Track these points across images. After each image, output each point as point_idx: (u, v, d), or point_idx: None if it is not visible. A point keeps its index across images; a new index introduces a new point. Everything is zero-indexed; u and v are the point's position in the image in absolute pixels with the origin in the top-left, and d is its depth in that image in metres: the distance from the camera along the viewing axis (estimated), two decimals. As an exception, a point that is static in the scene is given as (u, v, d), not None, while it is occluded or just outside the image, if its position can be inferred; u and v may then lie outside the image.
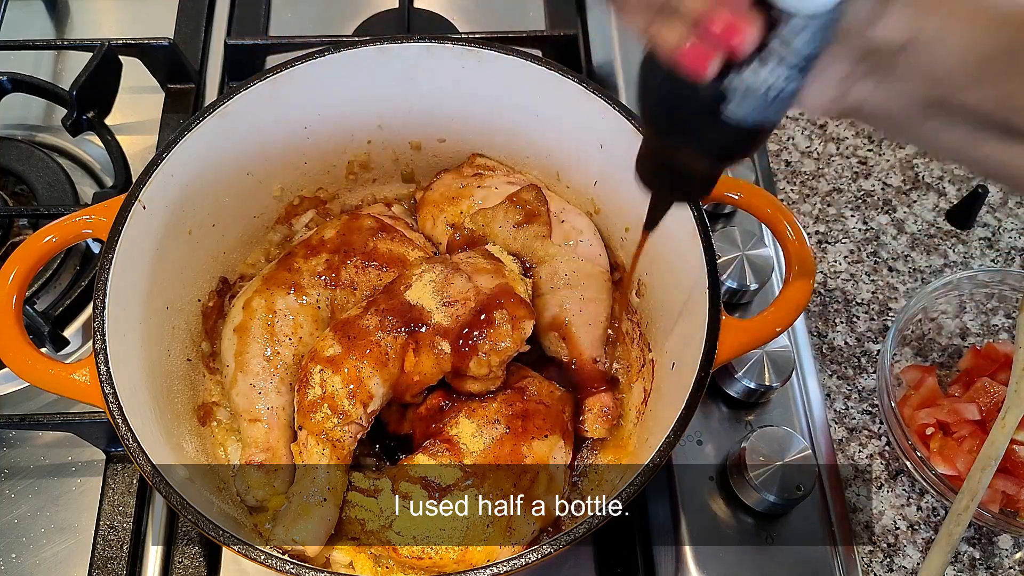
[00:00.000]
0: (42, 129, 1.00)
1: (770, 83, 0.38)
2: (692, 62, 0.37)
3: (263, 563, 0.54)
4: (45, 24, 1.11)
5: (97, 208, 0.66)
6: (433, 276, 0.70)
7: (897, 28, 0.38)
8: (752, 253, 0.82)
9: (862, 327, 0.89)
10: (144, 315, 0.68)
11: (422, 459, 0.67)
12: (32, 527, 0.76)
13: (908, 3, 0.37)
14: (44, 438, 0.80)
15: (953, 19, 0.38)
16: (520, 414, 0.68)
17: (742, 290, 0.82)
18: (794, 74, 0.38)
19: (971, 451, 0.75)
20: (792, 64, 0.37)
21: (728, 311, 0.63)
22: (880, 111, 0.42)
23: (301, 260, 0.76)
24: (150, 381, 0.67)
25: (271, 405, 0.71)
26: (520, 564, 0.54)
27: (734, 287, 0.82)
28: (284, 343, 0.72)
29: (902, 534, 0.78)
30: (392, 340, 0.68)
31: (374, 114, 0.80)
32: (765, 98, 0.38)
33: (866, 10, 0.37)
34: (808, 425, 0.79)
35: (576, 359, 0.75)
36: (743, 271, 0.82)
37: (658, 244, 0.73)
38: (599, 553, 0.75)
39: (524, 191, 0.79)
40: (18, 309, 0.62)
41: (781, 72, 0.37)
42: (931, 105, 0.40)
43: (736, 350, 0.63)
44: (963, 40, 0.38)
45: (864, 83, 0.40)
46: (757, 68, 0.37)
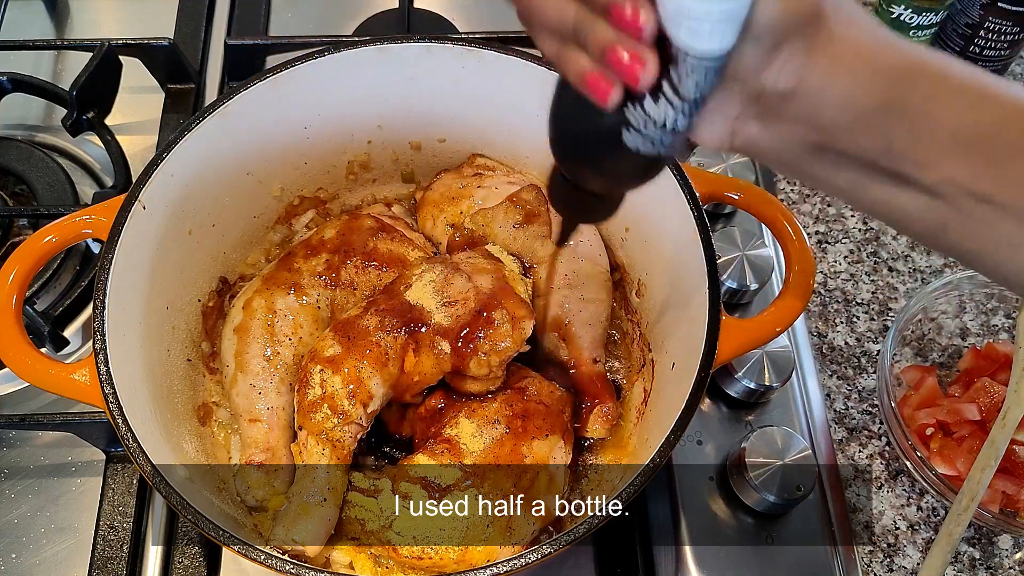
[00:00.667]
0: (42, 129, 1.00)
1: (663, 118, 0.40)
2: (594, 91, 0.39)
3: (263, 563, 0.54)
4: (45, 24, 1.11)
5: (97, 208, 0.66)
6: (433, 276, 0.70)
7: (784, 75, 0.39)
8: (752, 253, 0.82)
9: (862, 327, 0.89)
10: (144, 315, 0.68)
11: (422, 459, 0.67)
12: (32, 527, 0.76)
13: (795, 52, 0.39)
14: (44, 438, 0.80)
15: (837, 69, 0.39)
16: (520, 414, 0.68)
17: (742, 290, 0.82)
18: (685, 111, 0.40)
19: (971, 451, 0.75)
20: (683, 102, 0.39)
21: (728, 311, 0.63)
22: (769, 152, 0.43)
23: (301, 260, 0.76)
24: (150, 381, 0.67)
25: (271, 405, 0.71)
26: (520, 564, 0.54)
27: (734, 287, 0.82)
28: (284, 343, 0.72)
29: (902, 534, 0.78)
30: (392, 340, 0.68)
31: (374, 114, 0.80)
32: (659, 131, 0.41)
33: (756, 56, 0.39)
34: (808, 425, 0.79)
35: (576, 359, 0.75)
36: (743, 271, 0.82)
37: (658, 245, 0.73)
38: (599, 553, 0.75)
39: (524, 191, 0.79)
40: (18, 309, 0.62)
41: (673, 108, 0.39)
42: (817, 149, 0.42)
43: (736, 350, 0.63)
44: (845, 90, 0.39)
45: (753, 124, 0.42)
46: (653, 102, 0.39)
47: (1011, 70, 1.06)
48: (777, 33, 0.38)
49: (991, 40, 0.98)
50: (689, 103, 0.39)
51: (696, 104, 0.40)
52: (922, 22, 0.99)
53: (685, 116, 0.40)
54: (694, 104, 0.40)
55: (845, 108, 0.40)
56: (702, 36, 0.36)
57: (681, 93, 0.39)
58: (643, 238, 0.76)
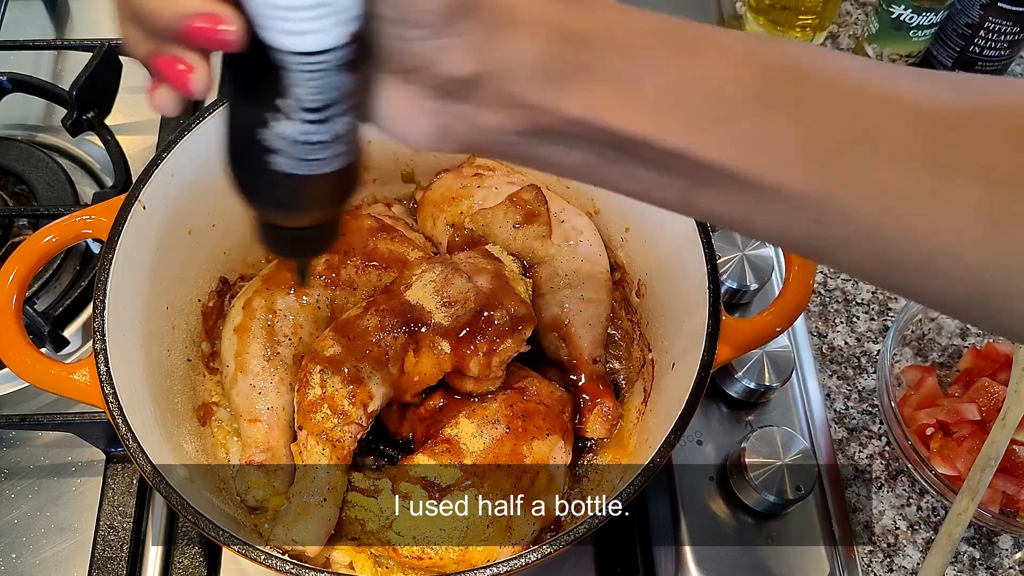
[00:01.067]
0: (42, 129, 1.00)
1: (295, 133, 0.35)
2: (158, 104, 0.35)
3: (263, 563, 0.54)
4: (45, 24, 1.11)
5: (97, 208, 0.66)
6: (433, 276, 0.70)
7: (462, 60, 0.35)
8: (752, 253, 0.82)
9: (862, 327, 0.89)
10: (144, 315, 0.68)
11: (422, 459, 0.67)
12: (32, 527, 0.76)
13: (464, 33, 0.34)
14: (44, 438, 0.80)
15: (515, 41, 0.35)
16: (520, 414, 0.68)
17: (742, 290, 0.82)
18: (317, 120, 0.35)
19: (971, 451, 0.75)
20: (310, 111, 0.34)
21: (728, 311, 0.63)
22: (490, 145, 0.39)
23: (301, 260, 0.76)
24: (150, 381, 0.67)
25: (271, 405, 0.71)
26: (520, 564, 0.54)
27: (734, 287, 0.82)
28: (284, 343, 0.72)
29: (902, 534, 0.78)
30: (392, 340, 0.68)
31: (374, 114, 0.80)
32: (303, 148, 0.35)
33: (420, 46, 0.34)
34: (808, 425, 0.79)
35: (576, 359, 0.75)
36: (743, 271, 0.82)
37: (658, 245, 0.73)
38: (599, 553, 0.75)
39: (524, 191, 0.79)
40: (18, 309, 0.62)
41: (302, 120, 0.34)
42: (530, 132, 0.38)
43: (736, 350, 0.63)
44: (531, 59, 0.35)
45: (458, 119, 0.38)
46: (280, 119, 0.34)
47: (1011, 70, 1.06)
48: (436, 14, 0.33)
49: (991, 40, 0.98)
50: (318, 111, 0.34)
51: (326, 111, 0.34)
52: (922, 22, 0.99)
53: (318, 125, 0.35)
54: (322, 111, 0.34)
55: (539, 78, 0.35)
56: (297, 34, 0.31)
57: (300, 102, 0.34)
58: (643, 238, 0.76)
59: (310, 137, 0.35)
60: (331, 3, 0.31)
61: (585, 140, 0.38)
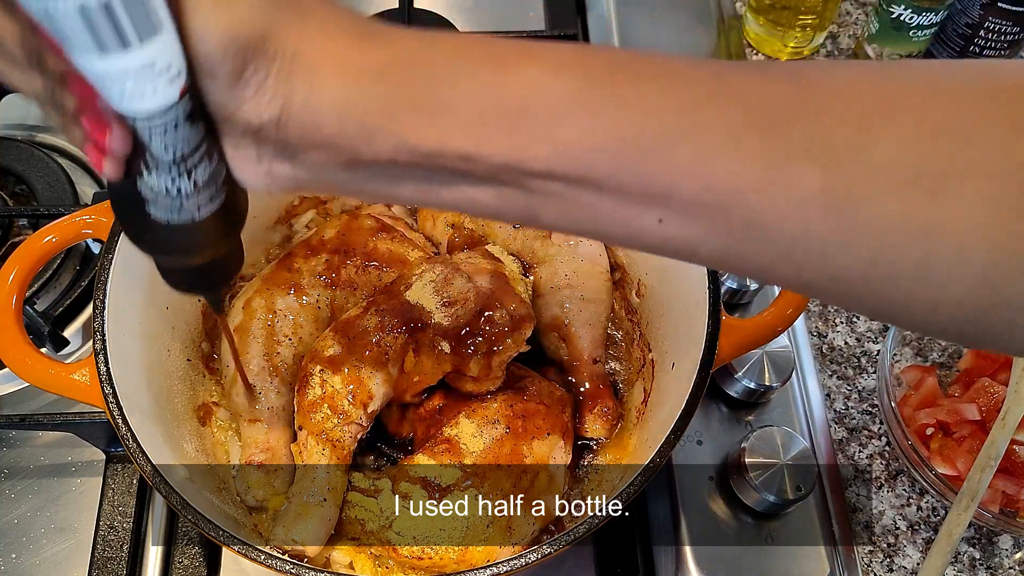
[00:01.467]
0: (42, 129, 1.00)
1: (163, 185, 0.37)
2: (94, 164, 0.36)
3: (263, 563, 0.54)
4: (45, 24, 1.11)
5: (97, 208, 0.66)
6: (433, 276, 0.70)
7: (264, 105, 0.35)
8: (752, 253, 0.82)
9: (862, 327, 0.89)
10: (144, 315, 0.68)
11: (422, 459, 0.67)
12: (32, 527, 0.76)
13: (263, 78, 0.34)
14: (44, 438, 0.80)
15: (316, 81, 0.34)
16: (520, 414, 0.68)
17: (742, 290, 0.82)
18: (176, 172, 0.37)
19: (971, 451, 0.75)
20: (168, 164, 0.36)
21: (728, 311, 0.63)
22: (312, 183, 0.39)
23: (301, 260, 0.76)
24: (150, 381, 0.67)
25: (271, 405, 0.71)
26: (520, 564, 0.54)
27: (734, 287, 0.82)
28: (284, 343, 0.72)
29: (902, 534, 0.78)
30: (392, 340, 0.68)
31: (374, 114, 0.80)
32: (172, 198, 0.38)
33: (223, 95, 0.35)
34: (808, 425, 0.79)
35: (576, 359, 0.75)
36: (743, 271, 0.82)
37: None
38: (599, 553, 0.75)
39: (524, 191, 0.79)
40: (18, 309, 0.62)
41: (164, 174, 0.37)
42: (353, 167, 0.37)
43: (736, 350, 0.63)
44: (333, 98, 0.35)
45: (277, 161, 0.38)
46: (149, 172, 0.37)
47: (1011, 70, 1.06)
48: (227, 65, 0.33)
49: (991, 40, 0.98)
50: (173, 164, 0.36)
51: (183, 163, 0.36)
52: (922, 22, 0.99)
53: (182, 179, 0.37)
54: (179, 163, 0.36)
55: (342, 117, 0.35)
56: (135, 97, 0.33)
57: (157, 158, 0.36)
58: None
59: (175, 188, 0.37)
60: (152, 64, 0.32)
61: (408, 170, 0.37)
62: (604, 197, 0.35)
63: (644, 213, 0.35)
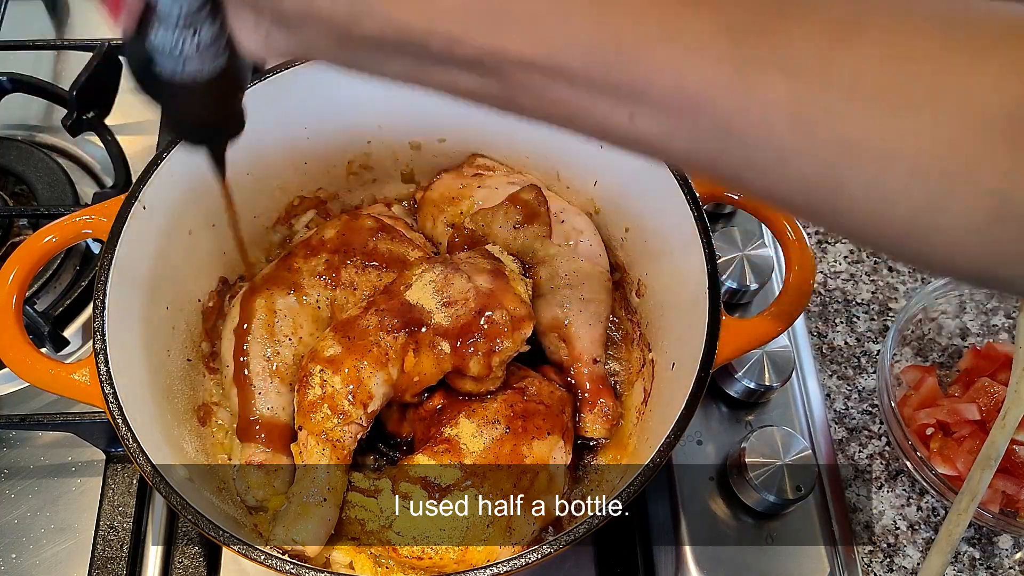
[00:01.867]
0: (42, 129, 1.00)
1: (173, 39, 0.42)
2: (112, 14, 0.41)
3: (263, 563, 0.54)
4: (45, 24, 1.11)
5: (97, 208, 0.66)
6: (433, 276, 0.70)
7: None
8: (752, 253, 0.82)
9: (862, 327, 0.89)
10: (144, 315, 0.68)
11: (422, 459, 0.67)
12: (32, 527, 0.76)
13: None
14: (44, 438, 0.80)
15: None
16: (520, 414, 0.68)
17: (742, 290, 0.82)
18: (184, 30, 0.41)
19: (971, 451, 0.75)
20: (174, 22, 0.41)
21: (728, 311, 0.63)
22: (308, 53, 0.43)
23: (301, 260, 0.76)
24: (150, 381, 0.67)
25: (271, 405, 0.71)
26: (520, 564, 0.54)
27: (734, 287, 0.82)
28: (284, 343, 0.72)
29: (902, 534, 0.78)
30: (392, 340, 0.68)
31: (374, 114, 0.80)
32: (179, 54, 0.42)
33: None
34: (808, 425, 0.79)
35: (576, 359, 0.75)
36: (743, 271, 0.82)
37: (658, 245, 0.73)
38: (599, 553, 0.75)
39: (524, 191, 0.79)
40: (18, 309, 0.62)
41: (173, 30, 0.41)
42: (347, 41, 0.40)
43: (736, 350, 0.63)
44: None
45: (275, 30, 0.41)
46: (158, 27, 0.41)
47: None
48: None
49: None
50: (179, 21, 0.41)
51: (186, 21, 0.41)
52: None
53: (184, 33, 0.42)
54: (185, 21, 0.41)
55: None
56: None
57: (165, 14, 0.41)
58: (643, 238, 0.76)
59: (180, 44, 0.42)
60: None
61: (397, 48, 0.39)
62: (578, 91, 0.37)
63: (616, 109, 0.37)
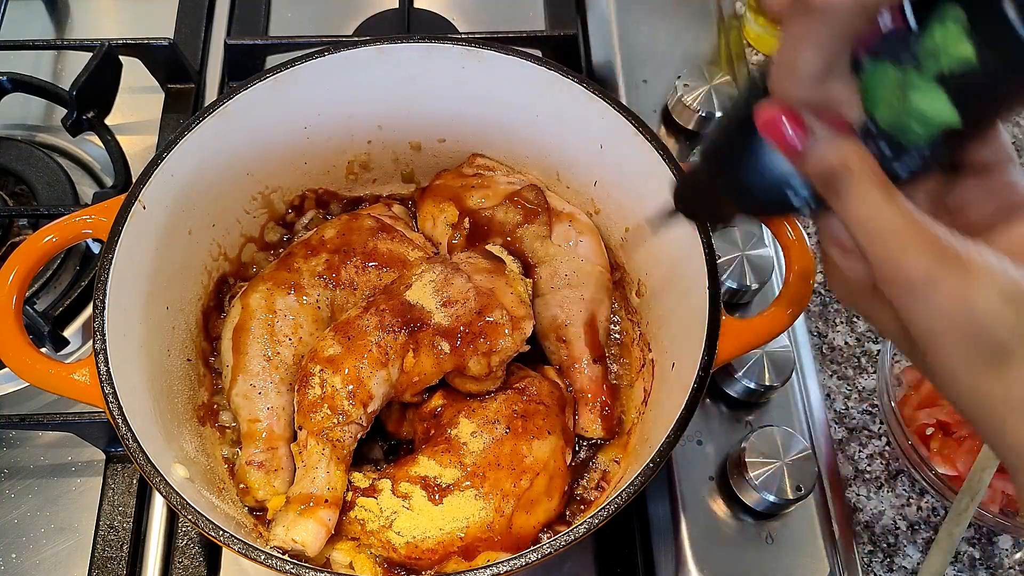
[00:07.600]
0: (42, 129, 1.00)
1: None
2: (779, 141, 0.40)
3: (263, 563, 0.54)
4: (45, 24, 1.11)
5: (97, 208, 0.66)
6: (433, 276, 0.70)
7: None
8: (752, 253, 0.82)
9: (862, 327, 0.89)
10: (144, 315, 0.68)
11: (422, 459, 0.67)
12: (32, 527, 0.76)
13: None
14: (44, 438, 0.80)
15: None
16: (520, 414, 0.68)
17: (742, 290, 0.82)
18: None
19: (971, 451, 0.75)
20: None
21: (728, 311, 0.63)
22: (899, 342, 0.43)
23: (301, 260, 0.76)
24: (150, 381, 0.67)
25: (271, 405, 0.71)
26: (520, 564, 0.54)
27: (734, 287, 0.82)
28: (284, 343, 0.72)
29: (902, 534, 0.78)
30: (392, 340, 0.68)
31: (374, 114, 0.80)
32: None
33: None
34: (808, 425, 0.79)
35: (576, 359, 0.75)
36: (743, 271, 0.82)
37: (658, 244, 0.73)
38: (599, 553, 0.75)
39: (524, 191, 0.79)
40: (18, 309, 0.62)
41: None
42: None
43: (736, 350, 0.63)
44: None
45: None
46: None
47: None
48: None
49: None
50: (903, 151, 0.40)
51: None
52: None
53: None
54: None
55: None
56: None
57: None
58: (643, 238, 0.76)
59: None
60: None
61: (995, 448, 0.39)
62: None
63: None
